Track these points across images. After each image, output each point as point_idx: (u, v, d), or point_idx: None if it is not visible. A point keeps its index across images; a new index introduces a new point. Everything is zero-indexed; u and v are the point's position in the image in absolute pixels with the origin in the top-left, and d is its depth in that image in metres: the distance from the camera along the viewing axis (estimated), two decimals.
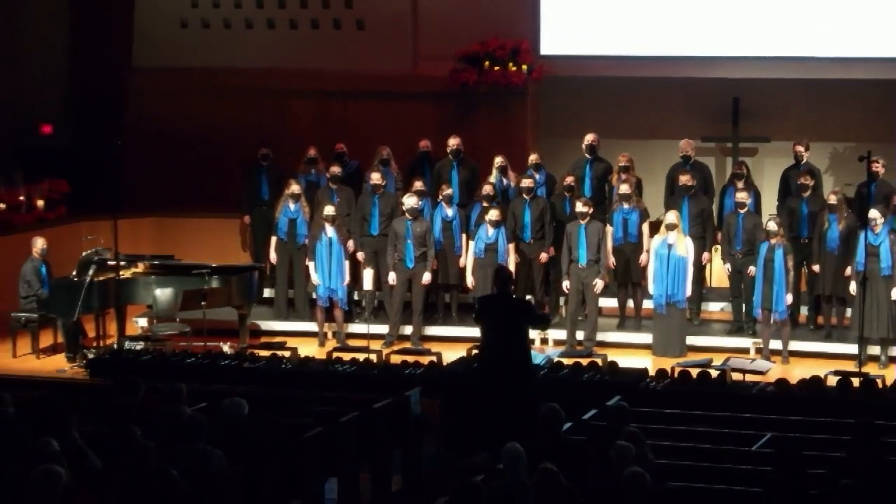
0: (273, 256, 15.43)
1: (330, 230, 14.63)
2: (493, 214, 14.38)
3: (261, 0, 18.24)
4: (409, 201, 14.63)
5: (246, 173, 16.40)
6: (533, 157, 15.56)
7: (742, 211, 14.39)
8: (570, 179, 15.06)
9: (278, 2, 18.21)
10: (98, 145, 17.69)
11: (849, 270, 13.81)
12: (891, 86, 16.01)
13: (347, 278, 14.78)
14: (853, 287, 13.69)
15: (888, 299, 13.54)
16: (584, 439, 9.13)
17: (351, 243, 15.16)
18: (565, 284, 14.42)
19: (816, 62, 16.41)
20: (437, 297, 15.32)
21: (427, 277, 14.72)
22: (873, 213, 13.39)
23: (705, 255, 14.76)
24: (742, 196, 14.45)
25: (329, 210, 14.64)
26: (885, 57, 16.20)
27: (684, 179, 14.79)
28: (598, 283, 14.27)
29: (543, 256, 14.81)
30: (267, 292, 15.69)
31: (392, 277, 14.69)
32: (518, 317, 11.00)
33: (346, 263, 14.80)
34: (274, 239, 15.38)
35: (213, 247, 16.24)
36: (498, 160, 15.52)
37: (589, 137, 15.47)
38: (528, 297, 14.24)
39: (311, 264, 14.79)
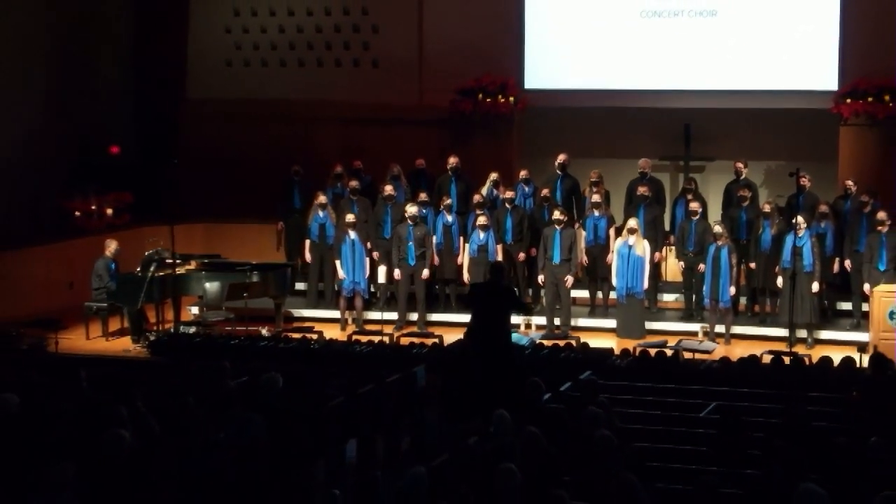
0: (308, 256, 15.43)
1: (352, 234, 14.64)
2: (481, 220, 14.43)
3: (293, 43, 18.27)
4: (412, 209, 14.63)
5: (281, 187, 16.39)
6: (523, 173, 15.58)
7: (695, 218, 14.39)
8: (545, 191, 15.10)
9: (307, 44, 18.23)
10: (158, 163, 17.74)
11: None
12: (816, 113, 15.99)
13: (368, 272, 14.78)
14: (780, 281, 13.71)
15: (810, 291, 13.54)
16: (561, 407, 9.12)
17: (368, 244, 15.17)
18: (540, 279, 14.44)
19: (754, 94, 16.40)
20: (439, 290, 15.30)
21: (426, 273, 14.69)
22: (798, 220, 13.41)
23: (657, 254, 14.75)
24: (695, 206, 14.44)
25: (350, 218, 14.66)
26: (810, 90, 16.18)
27: (641, 190, 14.83)
28: (569, 279, 14.26)
29: (521, 256, 14.80)
30: (299, 285, 15.68)
31: (397, 273, 14.68)
32: (503, 301, 10.98)
33: (367, 260, 14.81)
34: (308, 241, 15.37)
35: (252, 248, 16.21)
36: (493, 175, 15.54)
37: (560, 157, 15.47)
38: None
39: (337, 262, 14.79)
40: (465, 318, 13.96)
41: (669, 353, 11.89)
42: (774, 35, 16.40)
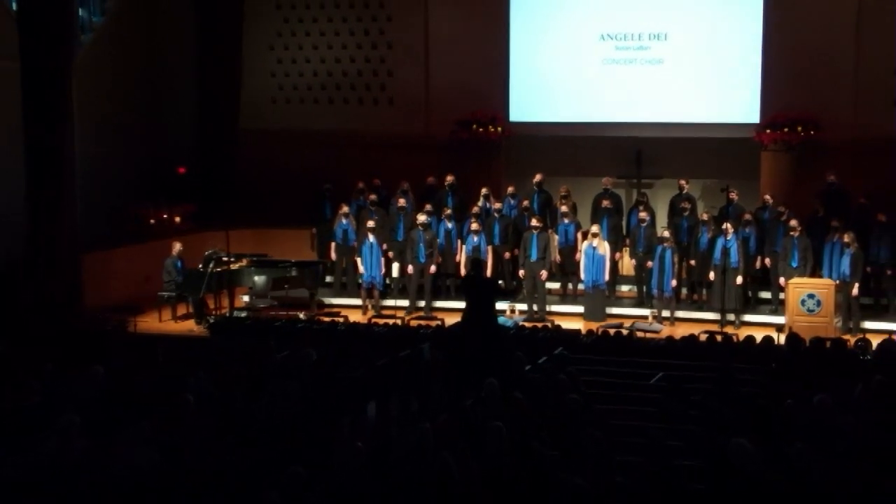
0: (333, 255, 15.42)
1: (371, 237, 14.64)
2: (474, 226, 14.45)
3: (325, 84, 18.28)
4: (421, 217, 14.66)
5: (314, 200, 16.39)
6: (510, 189, 15.64)
7: (643, 225, 14.41)
8: (525, 203, 15.11)
9: (336, 85, 18.23)
10: (217, 181, 17.72)
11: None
12: (742, 141, 16.01)
13: (384, 269, 14.78)
14: (712, 275, 13.73)
15: (735, 283, 13.56)
16: (539, 376, 9.12)
17: (384, 245, 15.16)
18: (521, 273, 14.45)
19: (693, 126, 16.43)
20: (441, 282, 15.29)
21: (433, 268, 14.70)
22: (727, 226, 13.45)
23: (616, 254, 14.76)
24: (643, 215, 14.49)
25: (371, 224, 14.69)
26: (737, 122, 16.23)
27: (605, 203, 14.87)
28: (544, 273, 14.27)
29: (507, 255, 14.82)
30: (328, 279, 15.67)
31: (410, 269, 14.67)
32: (486, 291, 10.96)
33: (383, 260, 14.80)
34: (333, 244, 15.37)
35: (292, 249, 16.20)
36: (484, 190, 15.59)
37: (537, 177, 15.53)
38: (500, 281, 14.24)
39: (358, 260, 14.80)
40: (462, 305, 14.06)
41: (625, 332, 11.88)
42: (708, 79, 16.46)
